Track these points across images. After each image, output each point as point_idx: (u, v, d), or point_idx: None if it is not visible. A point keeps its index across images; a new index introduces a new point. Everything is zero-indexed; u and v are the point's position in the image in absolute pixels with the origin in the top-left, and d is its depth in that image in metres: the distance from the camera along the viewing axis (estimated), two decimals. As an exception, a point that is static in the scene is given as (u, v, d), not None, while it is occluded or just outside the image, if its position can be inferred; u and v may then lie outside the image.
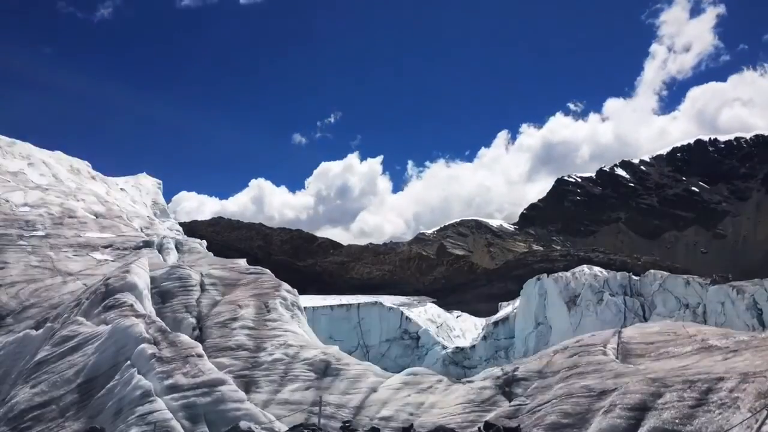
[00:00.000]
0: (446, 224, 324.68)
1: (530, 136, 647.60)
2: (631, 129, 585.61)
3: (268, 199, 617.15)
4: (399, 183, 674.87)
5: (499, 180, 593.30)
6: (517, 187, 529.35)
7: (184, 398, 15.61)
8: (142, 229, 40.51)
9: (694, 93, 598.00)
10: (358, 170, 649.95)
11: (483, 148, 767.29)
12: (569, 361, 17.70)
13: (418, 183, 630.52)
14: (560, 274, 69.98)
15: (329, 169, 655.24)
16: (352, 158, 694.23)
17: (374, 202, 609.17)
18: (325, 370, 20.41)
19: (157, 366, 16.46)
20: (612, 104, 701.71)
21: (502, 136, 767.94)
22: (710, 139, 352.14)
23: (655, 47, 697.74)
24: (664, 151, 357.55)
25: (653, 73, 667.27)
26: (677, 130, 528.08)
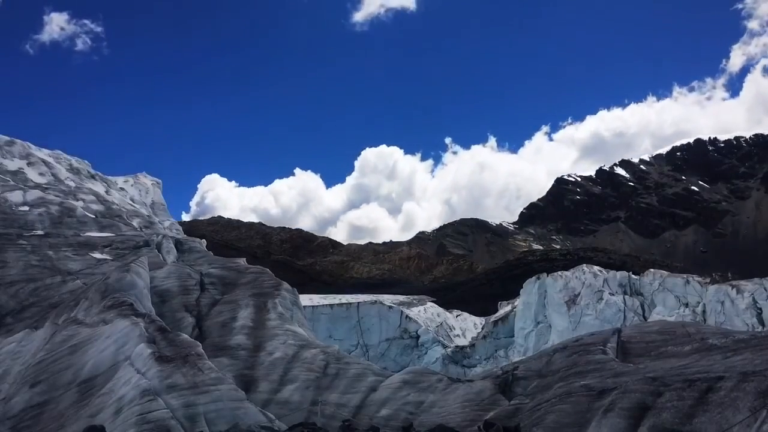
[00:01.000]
0: (446, 223, 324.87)
1: (576, 129, 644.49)
2: (695, 118, 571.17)
3: (311, 190, 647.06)
4: (441, 170, 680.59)
5: (539, 170, 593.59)
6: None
7: (183, 397, 15.59)
8: (141, 229, 40.49)
9: (756, 75, 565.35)
10: (401, 161, 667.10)
11: (532, 137, 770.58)
12: (569, 360, 17.70)
13: (458, 171, 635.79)
14: (560, 273, 69.91)
15: (373, 157, 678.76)
16: (394, 149, 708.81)
17: (418, 192, 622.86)
18: (324, 370, 20.41)
19: (157, 365, 16.43)
20: (676, 93, 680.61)
21: (544, 129, 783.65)
22: (710, 138, 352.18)
23: (747, 26, 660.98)
24: (663, 151, 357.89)
25: (736, 59, 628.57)
26: (741, 118, 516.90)
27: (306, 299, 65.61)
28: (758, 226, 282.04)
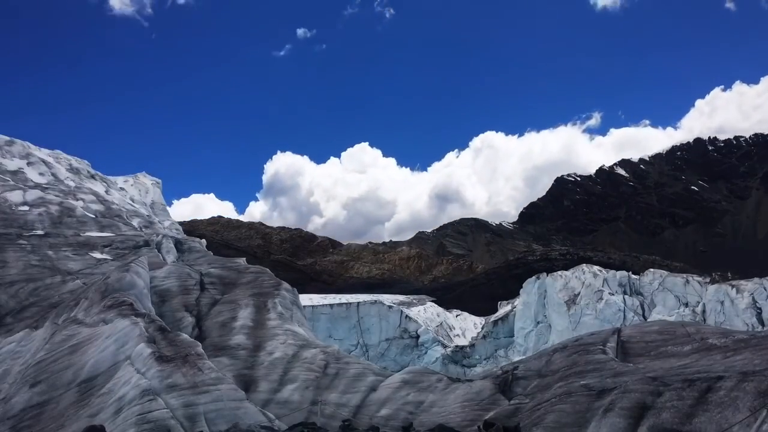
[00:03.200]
0: (445, 223, 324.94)
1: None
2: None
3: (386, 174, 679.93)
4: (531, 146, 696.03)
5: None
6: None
7: (183, 397, 15.60)
8: (141, 229, 40.48)
9: None
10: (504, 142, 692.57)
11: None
12: (569, 360, 17.69)
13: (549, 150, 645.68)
14: (560, 273, 69.97)
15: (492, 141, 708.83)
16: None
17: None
18: (324, 369, 20.41)
19: (157, 365, 16.44)
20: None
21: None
22: (710, 137, 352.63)
23: None
24: (663, 150, 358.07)
25: None
26: None
27: (306, 299, 65.62)
28: (758, 226, 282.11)
